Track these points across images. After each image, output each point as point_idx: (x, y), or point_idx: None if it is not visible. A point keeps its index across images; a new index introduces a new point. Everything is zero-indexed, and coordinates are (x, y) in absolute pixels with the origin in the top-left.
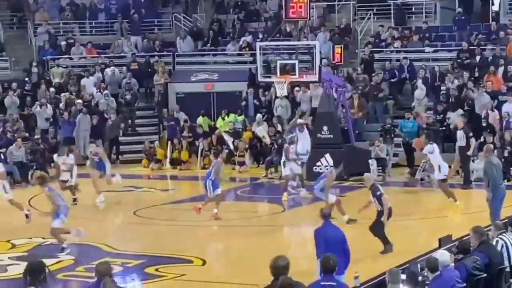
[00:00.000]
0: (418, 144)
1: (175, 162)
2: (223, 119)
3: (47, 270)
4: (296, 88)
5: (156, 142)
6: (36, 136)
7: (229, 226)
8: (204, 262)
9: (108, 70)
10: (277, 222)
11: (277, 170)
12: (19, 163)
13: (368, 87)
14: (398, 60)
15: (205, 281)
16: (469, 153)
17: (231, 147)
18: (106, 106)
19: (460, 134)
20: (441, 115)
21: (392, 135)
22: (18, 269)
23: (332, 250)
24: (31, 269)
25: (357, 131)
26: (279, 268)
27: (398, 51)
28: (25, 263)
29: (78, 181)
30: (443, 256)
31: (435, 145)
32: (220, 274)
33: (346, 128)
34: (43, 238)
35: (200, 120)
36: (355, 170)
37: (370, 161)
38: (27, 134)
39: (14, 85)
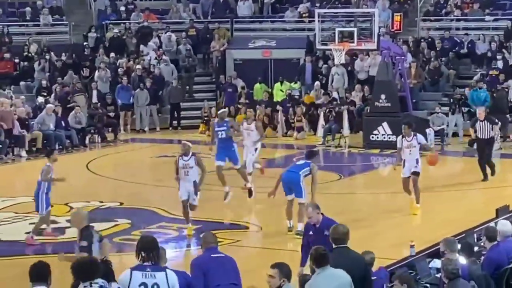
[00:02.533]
0: (432, 160)
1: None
2: (281, 84)
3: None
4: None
5: (213, 108)
6: (94, 101)
7: (282, 193)
8: (260, 229)
9: (164, 36)
10: (333, 189)
11: (334, 138)
12: (78, 128)
13: (427, 67)
14: (458, 29)
15: (261, 247)
16: (493, 133)
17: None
18: (166, 72)
19: (481, 125)
20: (502, 84)
21: (461, 106)
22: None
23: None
24: (144, 245)
25: (414, 100)
26: (340, 234)
27: (458, 20)
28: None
29: None
30: (505, 226)
31: (419, 135)
32: (275, 241)
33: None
34: (100, 202)
35: (257, 87)
36: None
37: (427, 130)
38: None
39: (68, 53)
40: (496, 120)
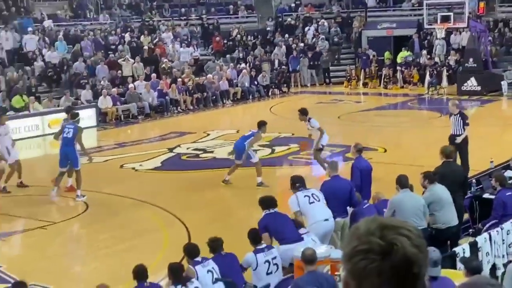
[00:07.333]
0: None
1: (365, 84)
2: (406, 51)
3: None
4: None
5: (353, 70)
6: (275, 67)
7: (401, 127)
8: (385, 150)
9: (320, 22)
10: (435, 124)
11: (436, 89)
12: (264, 85)
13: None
14: None
15: (387, 163)
16: (458, 140)
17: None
18: (321, 47)
19: (453, 120)
20: None
21: None
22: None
23: (366, 179)
24: (300, 178)
25: (494, 59)
26: (448, 152)
27: None
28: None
29: None
30: None
31: (312, 120)
32: (399, 159)
33: (485, 59)
34: (278, 132)
35: (387, 54)
36: (491, 88)
37: (502, 82)
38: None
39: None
40: (467, 121)
